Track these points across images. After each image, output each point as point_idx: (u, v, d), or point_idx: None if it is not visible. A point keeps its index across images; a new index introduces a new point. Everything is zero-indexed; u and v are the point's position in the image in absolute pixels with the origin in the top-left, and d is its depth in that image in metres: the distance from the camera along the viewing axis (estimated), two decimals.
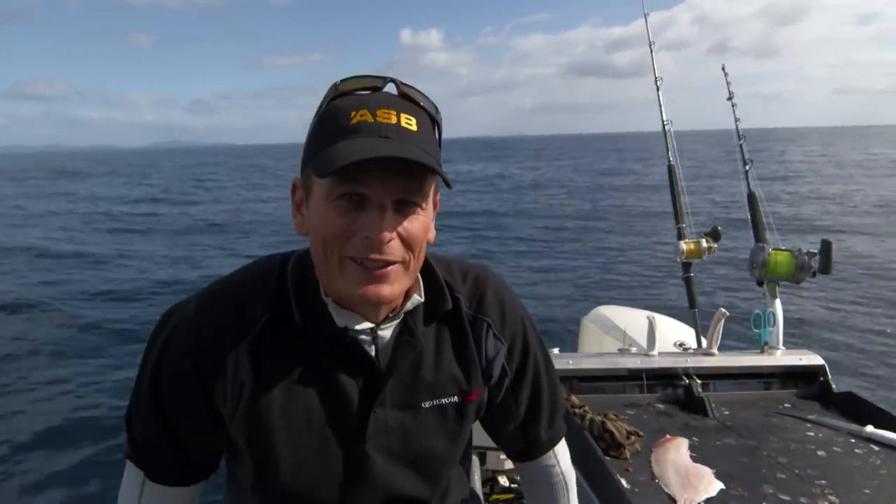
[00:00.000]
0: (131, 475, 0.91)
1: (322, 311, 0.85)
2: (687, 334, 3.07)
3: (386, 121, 0.75)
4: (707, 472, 1.51)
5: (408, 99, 0.81)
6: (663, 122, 2.52)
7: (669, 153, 2.49)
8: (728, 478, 1.48)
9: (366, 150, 0.72)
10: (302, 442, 0.86)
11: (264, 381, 0.84)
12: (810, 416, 1.90)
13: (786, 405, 2.01)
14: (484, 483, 2.69)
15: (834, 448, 1.68)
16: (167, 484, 0.89)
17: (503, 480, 2.76)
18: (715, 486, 1.44)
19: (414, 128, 0.77)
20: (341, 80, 0.81)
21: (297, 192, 0.86)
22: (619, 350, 2.21)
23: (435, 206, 0.87)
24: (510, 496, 2.69)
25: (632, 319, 3.20)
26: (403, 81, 0.81)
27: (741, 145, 2.77)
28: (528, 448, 1.08)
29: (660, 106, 2.54)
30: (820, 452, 1.65)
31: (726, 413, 1.93)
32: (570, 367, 2.01)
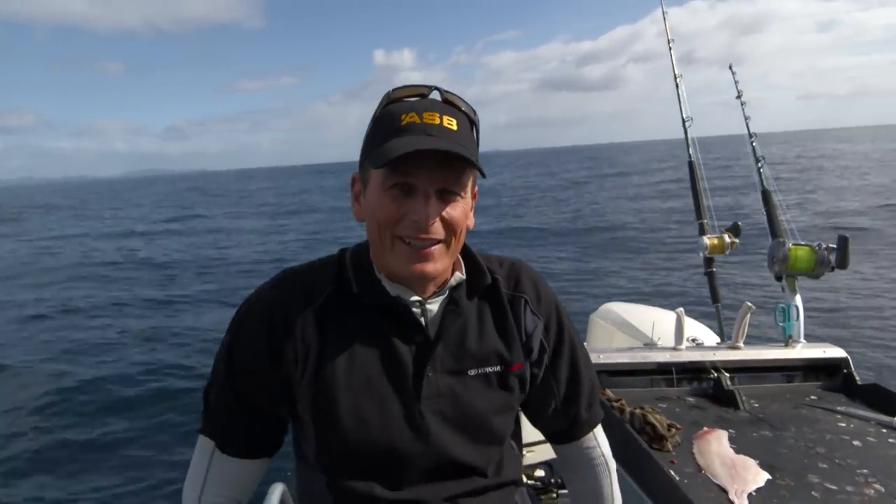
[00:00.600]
0: (202, 448, 1.00)
1: (377, 285, 0.97)
2: (698, 329, 3.11)
3: (431, 121, 0.89)
4: (752, 462, 1.52)
5: (449, 104, 0.94)
6: (683, 119, 2.54)
7: (690, 150, 2.51)
8: (771, 468, 1.50)
9: (414, 145, 0.85)
10: (363, 401, 0.94)
11: (328, 345, 0.95)
12: (838, 408, 1.93)
13: (812, 397, 2.04)
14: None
15: (868, 438, 1.70)
16: (235, 455, 0.98)
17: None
18: (762, 477, 1.45)
19: (455, 127, 0.90)
20: (393, 89, 0.95)
21: (356, 184, 1.00)
22: (646, 345, 2.23)
23: (473, 196, 1.00)
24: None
25: (641, 315, 3.22)
26: (446, 89, 0.95)
27: (752, 143, 2.80)
28: (570, 427, 1.12)
29: (679, 103, 2.56)
30: (855, 442, 1.67)
31: (756, 405, 1.95)
32: (601, 360, 2.02)
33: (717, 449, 1.59)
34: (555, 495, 2.61)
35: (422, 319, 0.98)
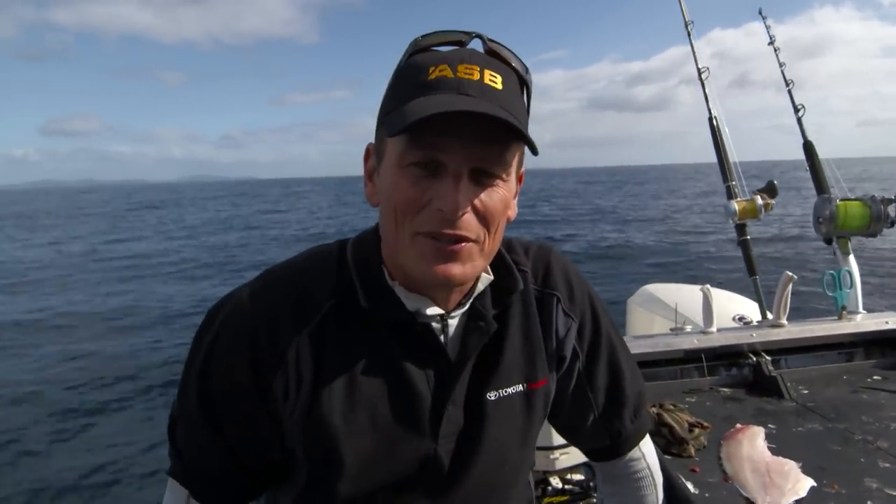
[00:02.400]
0: (174, 495, 0.80)
1: (390, 296, 0.77)
2: (747, 307, 2.78)
3: (468, 76, 0.67)
4: (792, 466, 1.25)
5: (495, 55, 0.72)
6: (699, 70, 2.24)
7: (709, 104, 2.21)
8: (819, 472, 1.23)
9: (442, 105, 0.63)
10: (365, 444, 0.75)
11: (325, 377, 0.75)
12: None
13: (875, 378, 1.73)
14: (534, 486, 2.47)
15: None
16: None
17: (555, 482, 2.53)
18: (804, 484, 1.18)
19: (499, 86, 0.68)
20: (422, 35, 0.73)
21: (370, 158, 0.78)
22: (672, 330, 1.96)
23: (519, 180, 0.78)
24: (564, 498, 2.45)
25: (683, 296, 2.93)
26: (492, 38, 0.72)
27: (790, 91, 2.48)
28: (613, 444, 0.93)
29: (693, 53, 2.27)
30: None
31: (805, 392, 1.66)
32: None
33: (749, 451, 1.32)
34: (594, 500, 2.37)
35: (441, 338, 0.78)
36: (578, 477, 2.45)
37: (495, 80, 0.68)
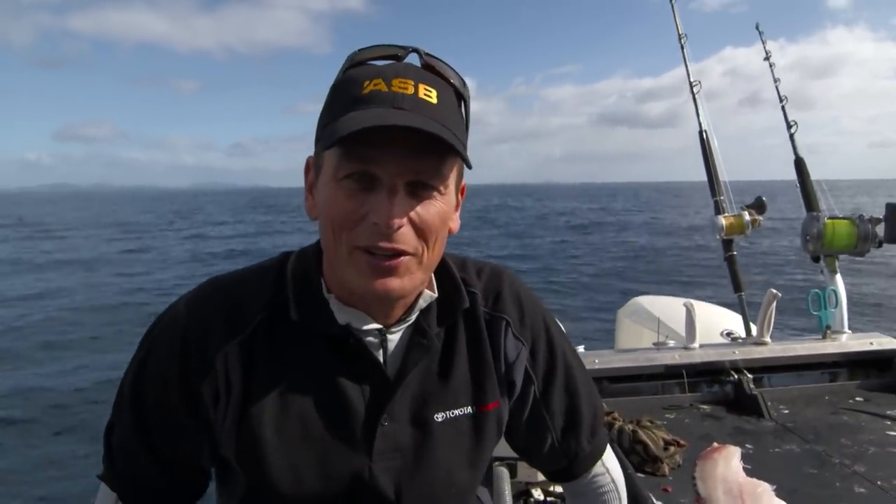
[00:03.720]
0: (103, 498, 0.80)
1: (323, 308, 0.76)
2: (736, 322, 2.77)
3: (402, 90, 0.67)
4: (766, 488, 1.21)
5: (431, 70, 0.72)
6: (691, 84, 2.23)
7: (700, 117, 2.20)
8: (792, 495, 1.21)
9: (374, 119, 0.63)
10: (296, 457, 0.75)
11: (256, 387, 0.75)
12: (889, 412, 1.59)
13: (857, 399, 1.71)
14: (516, 497, 2.44)
15: None
16: None
17: (537, 493, 2.51)
18: None
19: (434, 100, 0.68)
20: (359, 49, 0.73)
21: (310, 171, 0.77)
22: (655, 344, 1.94)
23: (461, 192, 0.79)
24: None
25: (671, 309, 2.91)
26: (428, 52, 0.72)
27: (783, 107, 2.48)
28: (571, 465, 0.92)
29: (685, 65, 2.26)
30: None
31: (785, 412, 1.64)
32: (598, 366, 1.75)
33: (724, 472, 1.28)
34: None
35: (380, 354, 0.78)
36: (560, 489, 2.43)
37: (430, 94, 0.68)
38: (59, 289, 12.21)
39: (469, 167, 0.71)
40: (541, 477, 2.46)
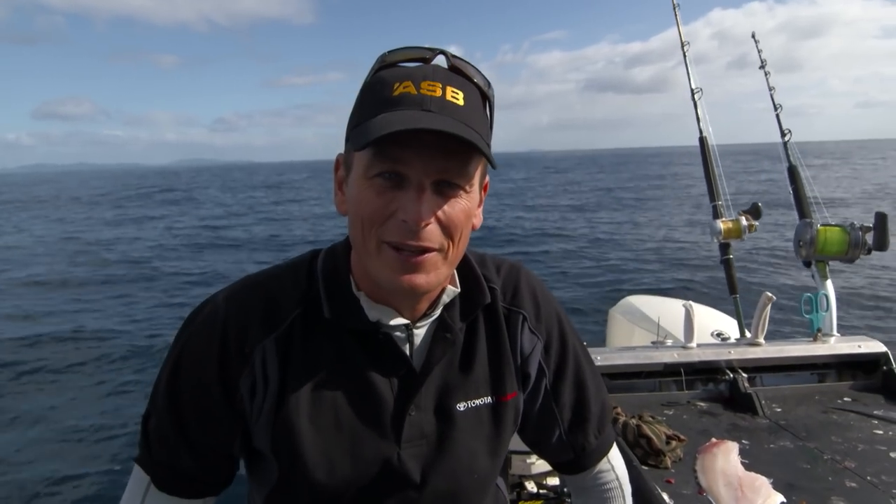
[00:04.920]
0: (136, 480, 0.83)
1: (354, 305, 0.80)
2: (726, 323, 2.84)
3: (430, 93, 0.70)
4: (764, 481, 1.29)
5: (458, 72, 0.75)
6: (692, 90, 2.29)
7: (700, 124, 2.27)
8: (788, 488, 1.28)
9: (403, 122, 0.67)
10: (330, 445, 0.80)
11: (291, 380, 0.79)
12: (876, 412, 1.67)
13: (845, 399, 1.79)
14: (510, 490, 2.50)
15: None
16: (173, 494, 0.82)
17: (531, 486, 2.57)
18: (775, 500, 1.22)
19: (461, 102, 0.71)
20: (388, 51, 0.76)
21: (340, 168, 0.81)
22: (654, 343, 2.00)
23: (484, 189, 0.82)
24: (539, 502, 2.49)
25: (664, 309, 2.98)
26: (455, 54, 0.75)
27: (777, 115, 2.55)
28: (578, 458, 0.97)
29: (687, 72, 2.32)
30: (893, 454, 1.43)
31: (778, 410, 1.71)
32: (599, 363, 1.81)
33: (724, 465, 1.36)
34: None
35: (406, 347, 0.82)
36: (553, 482, 2.49)
37: (457, 97, 0.71)
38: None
39: (494, 167, 0.75)
40: (534, 470, 2.54)
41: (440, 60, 0.76)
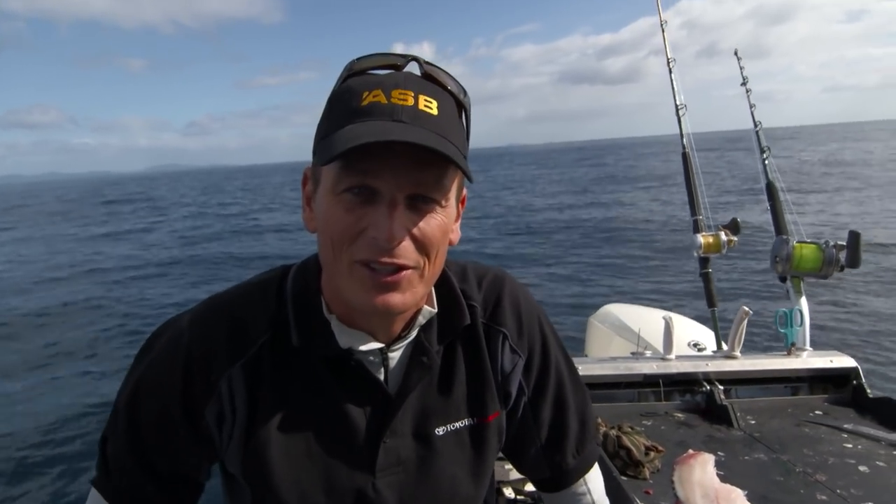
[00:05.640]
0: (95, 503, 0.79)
1: (324, 331, 0.75)
2: (703, 334, 2.90)
3: (402, 102, 0.66)
4: (739, 494, 1.31)
5: (431, 79, 0.70)
6: (676, 106, 2.34)
7: (684, 140, 2.31)
8: (762, 500, 1.31)
9: (372, 133, 0.62)
10: (304, 477, 0.76)
11: (260, 410, 0.75)
12: (846, 426, 1.72)
13: (817, 412, 1.84)
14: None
15: (877, 462, 1.50)
16: None
17: (508, 492, 2.59)
18: None
19: (434, 111, 0.67)
20: (357, 59, 0.71)
21: (308, 183, 0.75)
22: (633, 353, 2.04)
23: (461, 203, 0.77)
24: None
25: (644, 319, 3.03)
26: (428, 61, 0.71)
27: (757, 132, 2.61)
28: (554, 477, 0.93)
29: (672, 90, 2.37)
30: (861, 468, 1.47)
31: (752, 422, 1.75)
32: (580, 373, 1.83)
33: (701, 477, 1.38)
34: None
35: (381, 372, 0.78)
36: (531, 488, 2.52)
37: (430, 106, 0.67)
38: None
39: (470, 181, 0.69)
40: (512, 476, 2.56)
41: (413, 67, 0.72)
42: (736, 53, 2.87)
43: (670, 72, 2.40)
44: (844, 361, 1.95)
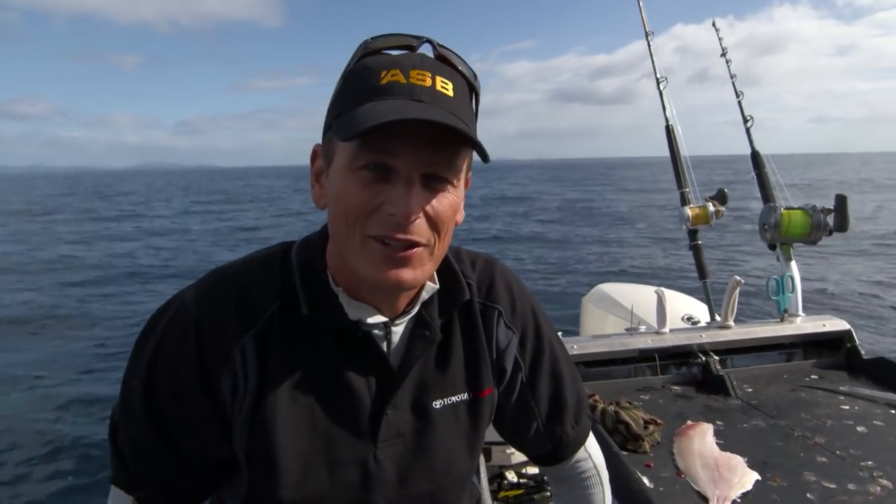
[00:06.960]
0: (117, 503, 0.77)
1: (333, 303, 0.77)
2: (695, 307, 2.90)
3: (420, 83, 0.67)
4: (739, 461, 1.33)
5: (445, 62, 0.72)
6: (657, 78, 2.32)
7: (666, 112, 2.30)
8: (762, 466, 1.31)
9: (395, 111, 0.64)
10: (305, 446, 0.77)
11: (269, 380, 0.75)
12: (841, 388, 1.73)
13: (812, 377, 1.84)
14: (491, 480, 2.52)
15: (874, 422, 1.51)
16: None
17: (511, 476, 2.59)
18: (750, 478, 1.26)
19: (450, 93, 0.69)
20: (372, 38, 0.73)
21: (318, 159, 0.77)
22: (627, 330, 2.03)
23: (466, 184, 0.79)
24: (519, 492, 2.52)
25: (636, 296, 3.03)
26: (441, 43, 0.72)
27: (740, 101, 2.60)
28: (556, 450, 0.97)
29: (652, 61, 2.35)
30: (860, 428, 1.48)
31: (749, 390, 1.75)
32: (575, 351, 1.83)
33: (700, 447, 1.39)
34: (549, 493, 2.44)
35: (384, 345, 0.80)
36: (533, 471, 2.52)
37: (447, 87, 0.69)
38: None
39: (486, 161, 0.72)
40: (514, 460, 2.56)
41: (426, 49, 0.73)
42: (714, 24, 2.85)
43: (648, 45, 2.38)
44: (837, 325, 1.96)
